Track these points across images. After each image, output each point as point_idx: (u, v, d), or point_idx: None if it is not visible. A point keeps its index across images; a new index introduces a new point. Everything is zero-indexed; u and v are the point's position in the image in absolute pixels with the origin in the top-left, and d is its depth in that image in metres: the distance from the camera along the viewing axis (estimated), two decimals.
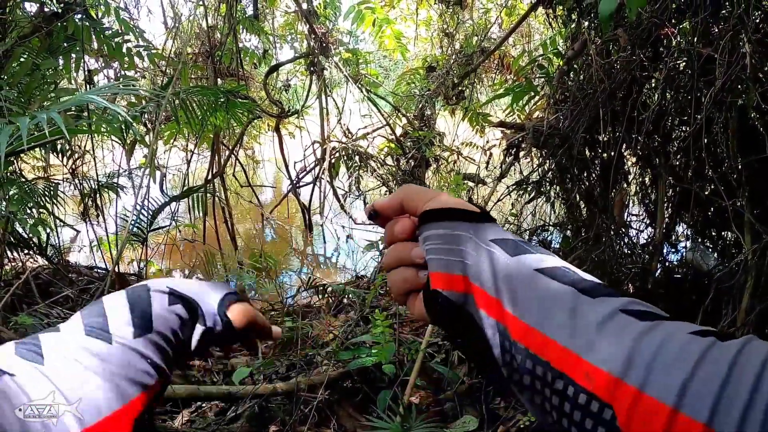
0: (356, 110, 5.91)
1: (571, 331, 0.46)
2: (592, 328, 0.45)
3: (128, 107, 4.03)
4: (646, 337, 0.42)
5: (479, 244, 0.58)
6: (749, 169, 2.49)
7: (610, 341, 0.43)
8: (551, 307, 0.49)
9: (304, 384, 2.71)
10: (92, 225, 4.70)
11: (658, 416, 0.38)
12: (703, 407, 0.36)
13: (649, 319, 0.44)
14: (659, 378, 0.39)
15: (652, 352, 0.41)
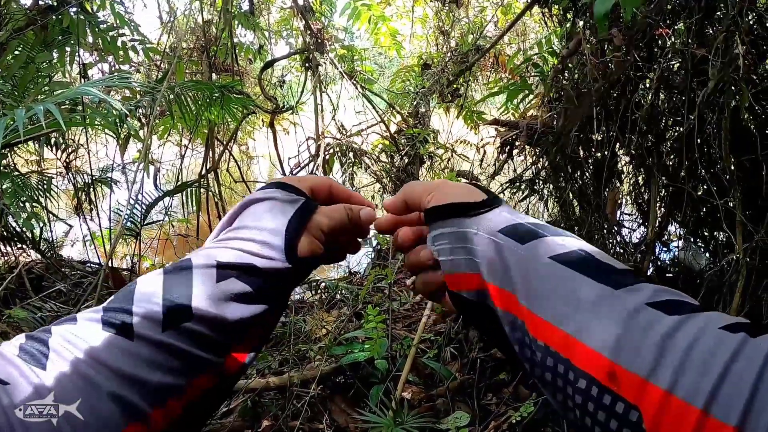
0: (351, 107, 5.92)
1: (593, 328, 0.44)
2: (615, 325, 0.43)
3: (123, 101, 4.02)
4: (675, 334, 0.41)
5: (487, 238, 0.56)
6: (741, 170, 2.51)
7: (636, 340, 0.42)
8: (569, 300, 0.47)
9: (296, 379, 2.72)
10: (85, 219, 4.70)
11: (687, 419, 0.37)
12: (733, 410, 0.35)
13: (678, 313, 0.43)
14: (688, 379, 0.38)
15: (682, 351, 0.39)
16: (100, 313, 0.51)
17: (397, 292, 3.83)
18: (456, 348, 2.98)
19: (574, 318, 0.46)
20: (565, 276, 0.48)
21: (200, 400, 0.52)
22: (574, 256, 0.50)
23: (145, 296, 0.52)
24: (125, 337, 0.49)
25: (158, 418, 0.47)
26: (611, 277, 0.47)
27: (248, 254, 0.59)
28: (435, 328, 3.22)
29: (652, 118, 2.64)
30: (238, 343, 0.57)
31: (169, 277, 0.55)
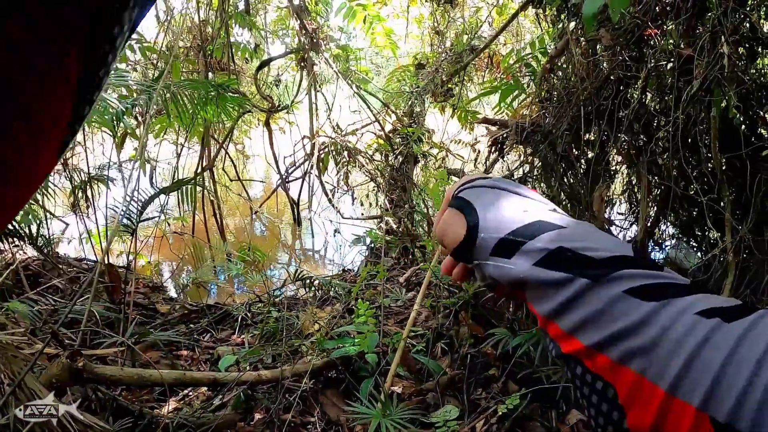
0: (346, 106, 5.94)
1: (574, 321, 0.48)
2: (594, 313, 0.47)
3: (119, 99, 4.05)
4: (650, 321, 0.43)
5: (486, 265, 0.59)
6: (731, 168, 2.54)
7: (614, 327, 0.45)
8: (552, 299, 0.51)
9: (289, 372, 2.75)
10: (82, 217, 4.72)
11: (654, 398, 0.41)
12: (697, 392, 0.38)
13: (657, 298, 0.45)
14: (659, 363, 0.41)
15: (653, 337, 0.42)
16: None
17: (390, 289, 3.86)
18: (446, 344, 3.02)
19: (561, 315, 0.49)
20: (547, 278, 0.52)
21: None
22: (555, 256, 0.53)
23: None
24: None
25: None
26: (590, 269, 0.49)
27: None
28: (426, 324, 3.25)
29: (641, 117, 2.67)
30: None
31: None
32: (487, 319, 3.10)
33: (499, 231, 0.60)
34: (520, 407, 2.39)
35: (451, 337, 3.05)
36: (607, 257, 0.50)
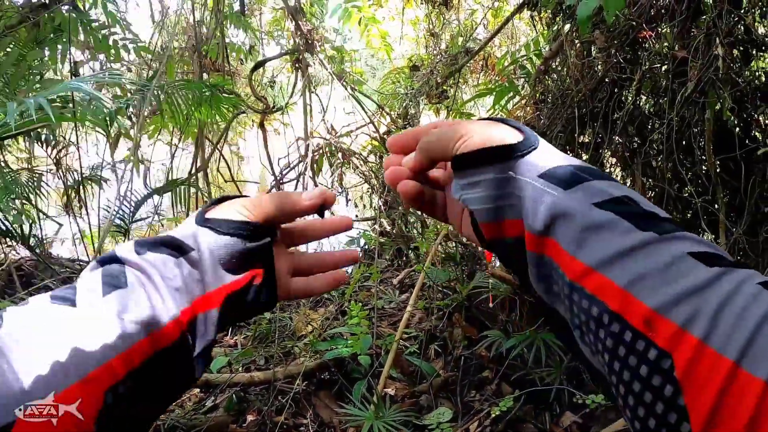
0: (341, 108, 5.94)
1: (631, 273, 0.43)
2: (655, 271, 0.42)
3: (113, 99, 4.03)
4: (713, 285, 0.40)
5: (527, 182, 0.53)
6: (725, 170, 2.54)
7: (675, 288, 0.41)
8: (609, 244, 0.46)
9: (281, 374, 2.74)
10: (75, 217, 4.70)
11: (718, 370, 0.37)
12: (764, 365, 0.35)
13: (718, 265, 0.42)
14: (723, 331, 0.38)
15: (719, 303, 0.39)
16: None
17: (383, 291, 3.85)
18: (440, 345, 3.01)
19: (614, 263, 0.45)
20: (607, 221, 0.47)
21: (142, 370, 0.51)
22: (619, 203, 0.48)
23: (85, 277, 0.55)
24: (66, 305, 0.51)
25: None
26: (655, 224, 0.46)
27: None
28: (419, 326, 3.24)
29: (635, 119, 2.67)
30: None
31: (104, 267, 0.57)
32: (480, 320, 3.09)
33: (558, 160, 0.54)
34: (513, 409, 2.38)
35: (445, 338, 3.04)
36: (667, 217, 0.48)
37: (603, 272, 0.45)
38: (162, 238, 0.59)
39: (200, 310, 0.58)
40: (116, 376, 0.48)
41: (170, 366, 0.54)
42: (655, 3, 2.57)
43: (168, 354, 0.53)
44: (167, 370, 0.54)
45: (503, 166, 0.55)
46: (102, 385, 0.47)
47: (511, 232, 0.56)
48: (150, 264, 0.55)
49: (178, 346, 0.54)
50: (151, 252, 0.56)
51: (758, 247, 2.32)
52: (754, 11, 2.40)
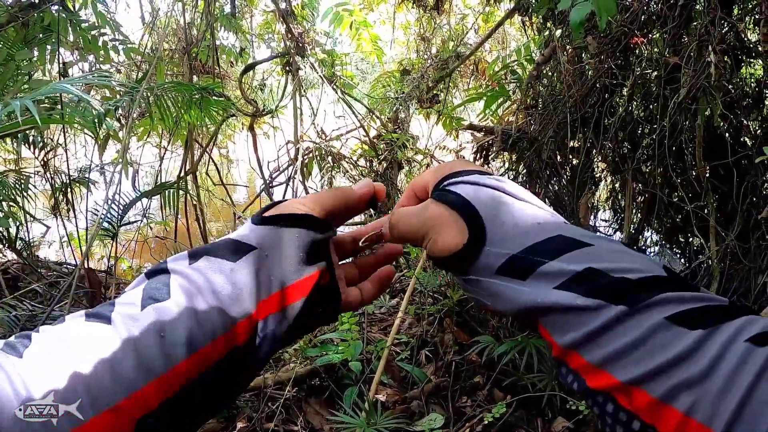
0: (331, 111, 5.93)
1: (606, 352, 0.42)
2: (630, 347, 0.41)
3: (102, 101, 4.00)
4: (697, 352, 0.38)
5: (489, 282, 0.51)
6: (715, 176, 2.55)
7: (656, 361, 0.39)
8: (579, 326, 0.44)
9: (271, 380, 2.72)
10: (63, 220, 4.66)
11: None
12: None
13: (702, 325, 0.40)
14: (710, 401, 0.36)
15: (702, 371, 0.37)
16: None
17: None
18: (431, 351, 3.00)
19: (588, 343, 0.43)
20: (571, 305, 0.45)
21: (209, 374, 0.49)
22: (581, 280, 0.45)
23: (131, 294, 0.51)
24: (101, 322, 0.47)
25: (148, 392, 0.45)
26: (627, 293, 0.43)
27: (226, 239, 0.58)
28: (410, 331, 3.23)
29: (627, 125, 2.68)
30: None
31: (150, 279, 0.53)
32: (471, 326, 3.09)
33: (509, 246, 0.51)
34: (505, 415, 2.38)
35: (436, 344, 3.03)
36: (642, 278, 0.44)
37: (577, 350, 0.44)
38: (218, 243, 0.55)
39: (272, 309, 0.54)
40: (147, 406, 0.45)
41: (218, 383, 0.51)
42: (646, 9, 2.58)
43: (217, 370, 0.50)
44: (215, 388, 0.51)
45: (462, 271, 0.55)
46: (130, 416, 0.44)
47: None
48: (200, 272, 0.51)
49: (230, 359, 0.51)
50: (205, 258, 0.53)
51: (750, 253, 2.33)
52: (747, 19, 2.42)
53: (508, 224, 0.53)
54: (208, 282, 0.51)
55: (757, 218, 2.28)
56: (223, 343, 0.49)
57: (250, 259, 0.53)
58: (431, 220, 0.57)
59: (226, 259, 0.53)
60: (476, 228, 0.53)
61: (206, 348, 0.48)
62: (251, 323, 0.52)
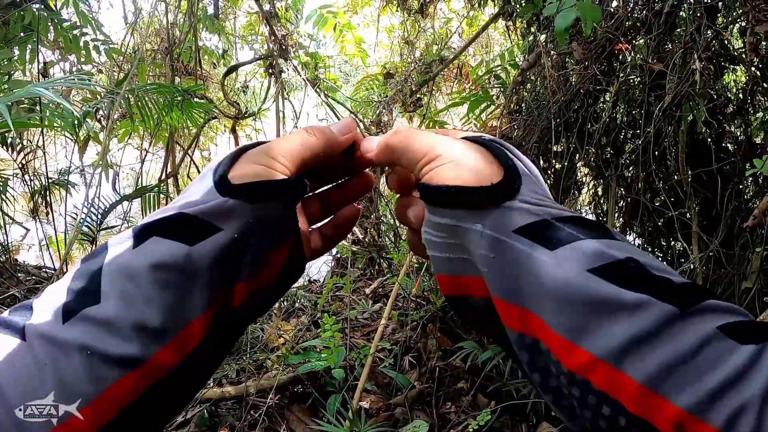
0: (314, 114, 5.90)
1: (652, 365, 0.34)
2: (681, 361, 0.34)
3: (83, 102, 3.95)
4: (753, 370, 0.32)
5: (499, 240, 0.42)
6: (698, 181, 2.57)
7: (707, 381, 0.33)
8: (617, 327, 0.36)
9: (253, 388, 2.69)
10: (42, 223, 4.60)
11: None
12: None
13: (753, 340, 0.34)
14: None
15: (762, 394, 0.32)
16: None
17: (356, 301, 3.82)
18: (414, 357, 2.98)
19: (628, 353, 0.35)
20: (614, 296, 0.37)
21: (123, 408, 0.40)
22: (621, 268, 0.38)
23: (56, 287, 0.43)
24: (15, 336, 0.39)
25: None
26: (671, 293, 0.36)
27: (174, 208, 0.46)
28: (393, 337, 3.21)
29: (610, 131, 2.68)
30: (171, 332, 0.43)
31: (84, 263, 0.44)
32: (455, 331, 3.08)
33: (541, 210, 0.43)
34: (490, 422, 2.37)
35: (419, 350, 3.02)
36: (685, 282, 0.38)
37: (614, 364, 0.36)
38: (172, 217, 0.45)
39: (233, 302, 0.47)
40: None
41: (166, 397, 0.43)
42: (631, 16, 2.58)
43: (166, 384, 0.42)
44: (162, 401, 0.43)
45: (469, 215, 0.44)
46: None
47: (478, 291, 0.46)
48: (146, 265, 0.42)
49: (181, 370, 0.43)
50: (153, 240, 0.44)
51: (734, 259, 2.34)
52: (731, 27, 2.43)
53: (539, 191, 0.46)
54: (153, 278, 0.42)
55: (741, 225, 2.29)
56: (172, 350, 0.42)
57: (210, 244, 0.45)
58: (450, 145, 0.48)
59: (181, 242, 0.44)
60: (510, 174, 0.45)
61: (151, 361, 0.40)
62: (206, 321, 0.44)
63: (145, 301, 0.41)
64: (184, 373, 0.43)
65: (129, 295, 0.41)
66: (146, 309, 0.41)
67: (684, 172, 2.45)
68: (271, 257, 0.50)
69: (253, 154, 0.50)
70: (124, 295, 0.41)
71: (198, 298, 0.44)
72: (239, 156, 0.51)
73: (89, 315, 0.40)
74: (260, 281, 0.49)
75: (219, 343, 0.48)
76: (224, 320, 0.47)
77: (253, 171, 0.48)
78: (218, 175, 0.48)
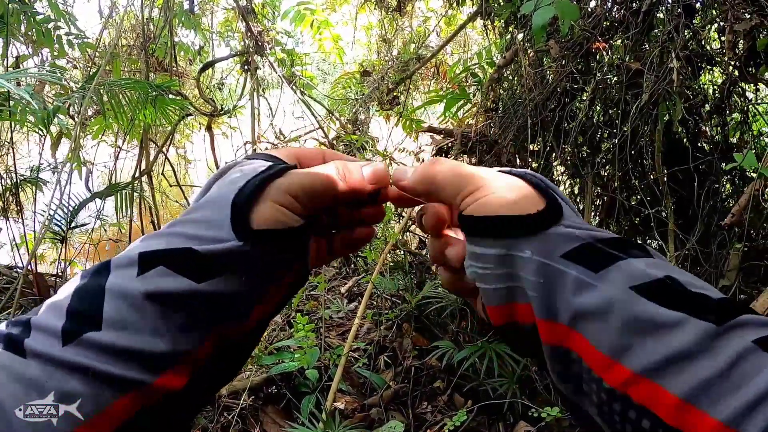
0: (290, 112, 5.87)
1: (689, 380, 0.36)
2: (717, 375, 0.35)
3: (56, 97, 3.87)
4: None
5: (546, 265, 0.44)
6: (674, 180, 2.57)
7: (743, 394, 0.34)
8: (658, 344, 0.37)
9: (226, 389, 2.65)
10: (14, 221, 4.50)
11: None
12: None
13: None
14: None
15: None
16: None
17: (330, 300, 3.79)
18: (390, 356, 2.96)
19: (667, 368, 0.37)
20: (651, 314, 0.38)
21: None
22: (662, 287, 0.40)
23: (54, 305, 0.42)
24: (15, 353, 0.39)
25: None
26: (709, 309, 0.38)
27: (183, 237, 0.45)
28: (368, 336, 3.19)
29: (586, 130, 2.68)
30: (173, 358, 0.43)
31: (83, 281, 0.43)
32: (431, 330, 3.06)
33: (582, 233, 0.45)
34: (467, 421, 2.35)
35: (395, 349, 2.99)
36: (722, 298, 0.39)
37: (654, 379, 0.37)
38: (181, 251, 0.44)
39: (238, 333, 0.47)
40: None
41: (166, 415, 0.43)
42: (609, 15, 2.58)
43: (166, 404, 0.42)
44: (162, 419, 0.43)
45: (508, 243, 0.46)
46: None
47: (526, 317, 0.46)
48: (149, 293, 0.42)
49: (184, 392, 0.43)
50: (161, 270, 0.43)
51: (711, 257, 2.35)
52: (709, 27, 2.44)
53: (577, 216, 0.48)
54: (158, 310, 0.41)
55: (718, 223, 2.30)
56: (175, 375, 0.42)
57: (218, 284, 0.44)
58: (491, 175, 0.50)
59: (187, 278, 0.43)
60: (552, 201, 0.47)
61: (153, 386, 0.40)
62: (210, 347, 0.45)
63: (150, 332, 0.41)
64: (186, 394, 0.43)
65: (133, 324, 0.41)
66: (150, 339, 0.41)
67: (660, 171, 2.46)
68: (277, 287, 0.50)
69: (275, 191, 0.48)
70: (128, 324, 0.41)
71: (200, 329, 0.44)
72: (262, 189, 0.48)
73: (90, 340, 0.39)
74: (266, 308, 0.50)
75: (226, 360, 0.48)
76: (229, 342, 0.47)
77: (273, 216, 0.47)
78: (239, 213, 0.46)
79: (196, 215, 0.47)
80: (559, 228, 0.45)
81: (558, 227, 0.45)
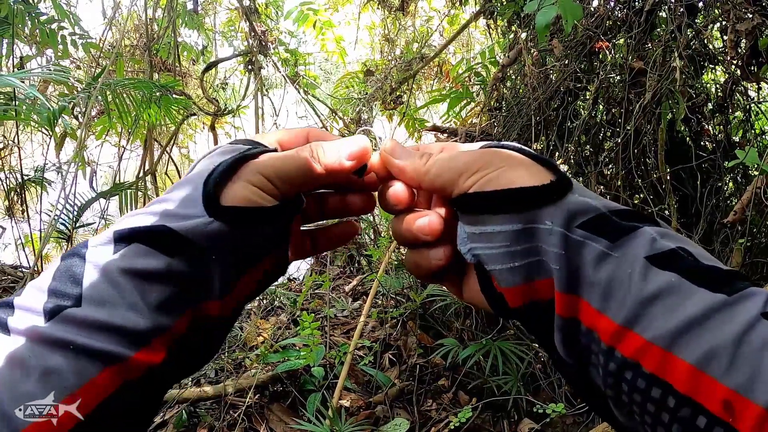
0: (293, 111, 5.88)
1: (702, 349, 0.36)
2: (729, 343, 0.35)
3: (60, 97, 3.88)
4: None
5: (566, 236, 0.43)
6: (677, 179, 2.58)
7: (755, 361, 0.34)
8: (672, 313, 0.37)
9: (232, 387, 2.66)
10: (18, 221, 4.52)
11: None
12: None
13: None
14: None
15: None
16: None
17: (335, 299, 3.80)
18: (394, 354, 2.97)
19: (680, 337, 0.37)
20: (664, 282, 0.39)
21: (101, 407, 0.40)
22: (676, 257, 0.40)
23: (36, 285, 0.43)
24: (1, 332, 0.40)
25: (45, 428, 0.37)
26: (720, 281, 0.38)
27: (161, 215, 0.46)
28: (373, 335, 3.20)
29: (590, 128, 2.69)
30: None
31: (63, 262, 0.44)
32: (435, 329, 3.07)
33: (598, 200, 0.45)
34: (471, 418, 2.36)
35: (399, 347, 3.00)
36: (731, 270, 0.40)
37: (666, 347, 0.37)
38: (153, 227, 0.45)
39: (213, 311, 0.47)
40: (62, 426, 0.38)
41: (148, 390, 0.44)
42: (612, 15, 2.59)
43: (146, 379, 0.43)
44: (143, 395, 0.43)
45: (529, 215, 0.44)
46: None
47: (546, 293, 0.45)
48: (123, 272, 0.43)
49: (163, 367, 0.44)
50: (135, 246, 0.44)
51: (714, 254, 2.35)
52: (711, 26, 2.45)
53: (594, 198, 0.46)
54: (134, 285, 0.42)
55: (720, 221, 2.31)
56: (154, 349, 0.43)
57: (190, 259, 0.45)
58: (493, 156, 0.48)
59: (162, 252, 0.44)
60: (560, 174, 0.46)
61: (132, 359, 0.41)
62: (187, 321, 0.45)
63: (127, 307, 0.42)
64: (165, 369, 0.44)
65: (111, 300, 0.42)
66: (127, 314, 0.41)
67: (663, 169, 2.46)
68: (253, 271, 0.50)
69: (248, 171, 0.49)
70: (106, 300, 0.41)
71: (177, 305, 0.44)
72: (236, 169, 0.49)
73: (71, 315, 0.40)
74: (242, 290, 0.50)
75: (203, 339, 0.48)
76: (205, 322, 0.47)
77: (243, 195, 0.47)
78: (209, 191, 0.47)
79: (173, 194, 0.48)
80: (575, 196, 0.45)
81: (573, 195, 0.45)
